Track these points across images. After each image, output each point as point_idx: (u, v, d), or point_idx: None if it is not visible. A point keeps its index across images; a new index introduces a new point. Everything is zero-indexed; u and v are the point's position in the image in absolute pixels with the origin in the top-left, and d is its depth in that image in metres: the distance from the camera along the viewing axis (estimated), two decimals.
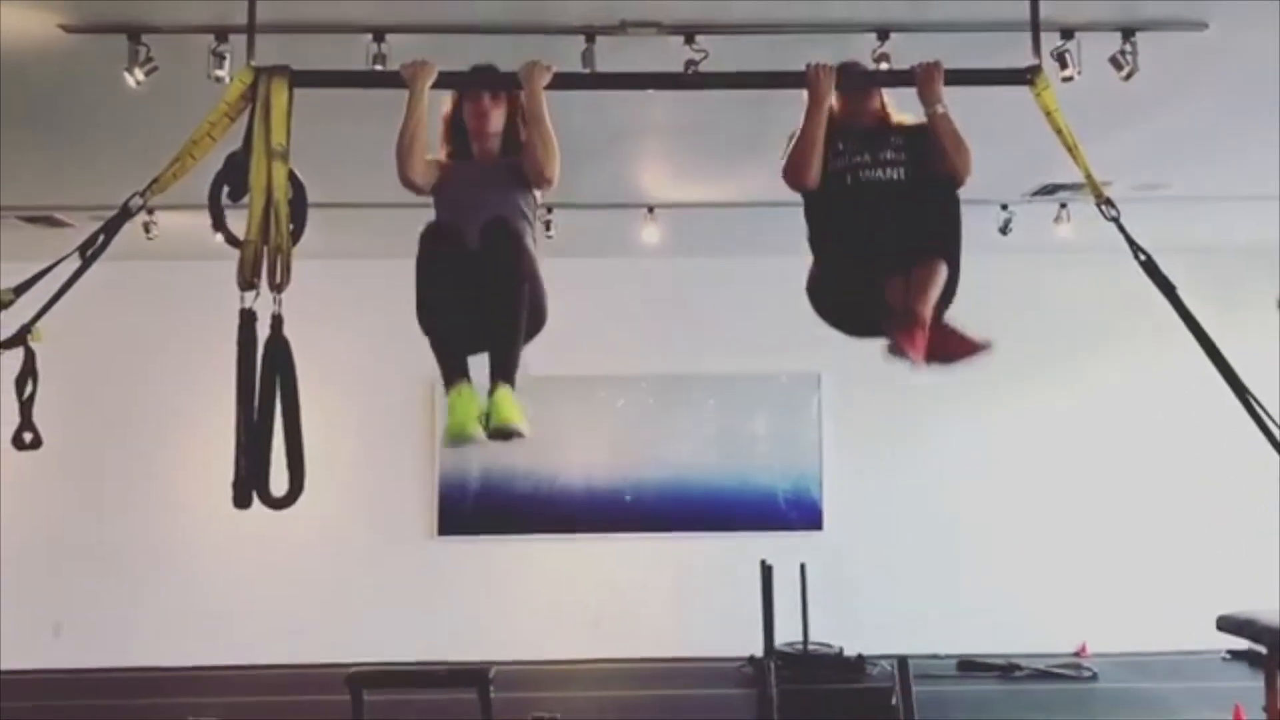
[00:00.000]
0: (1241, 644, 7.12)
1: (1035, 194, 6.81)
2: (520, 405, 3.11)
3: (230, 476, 3.23)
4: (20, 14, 3.96)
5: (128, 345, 8.65)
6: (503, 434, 3.06)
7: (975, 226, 7.18)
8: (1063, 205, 7.01)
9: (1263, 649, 6.40)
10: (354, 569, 8.84)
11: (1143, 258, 3.23)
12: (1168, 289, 3.24)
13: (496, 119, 3.39)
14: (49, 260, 6.90)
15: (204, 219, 6.50)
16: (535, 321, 3.30)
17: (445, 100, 3.45)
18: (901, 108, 3.47)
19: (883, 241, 3.27)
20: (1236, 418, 3.18)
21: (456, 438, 3.08)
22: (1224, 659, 8.32)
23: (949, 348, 3.29)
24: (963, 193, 6.80)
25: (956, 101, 3.35)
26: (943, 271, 3.24)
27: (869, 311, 3.29)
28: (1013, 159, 5.96)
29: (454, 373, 3.16)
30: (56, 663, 8.52)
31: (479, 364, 3.22)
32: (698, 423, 9.17)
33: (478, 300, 3.16)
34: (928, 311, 3.20)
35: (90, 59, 4.31)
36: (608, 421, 9.13)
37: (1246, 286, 8.69)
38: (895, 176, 3.36)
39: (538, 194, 3.40)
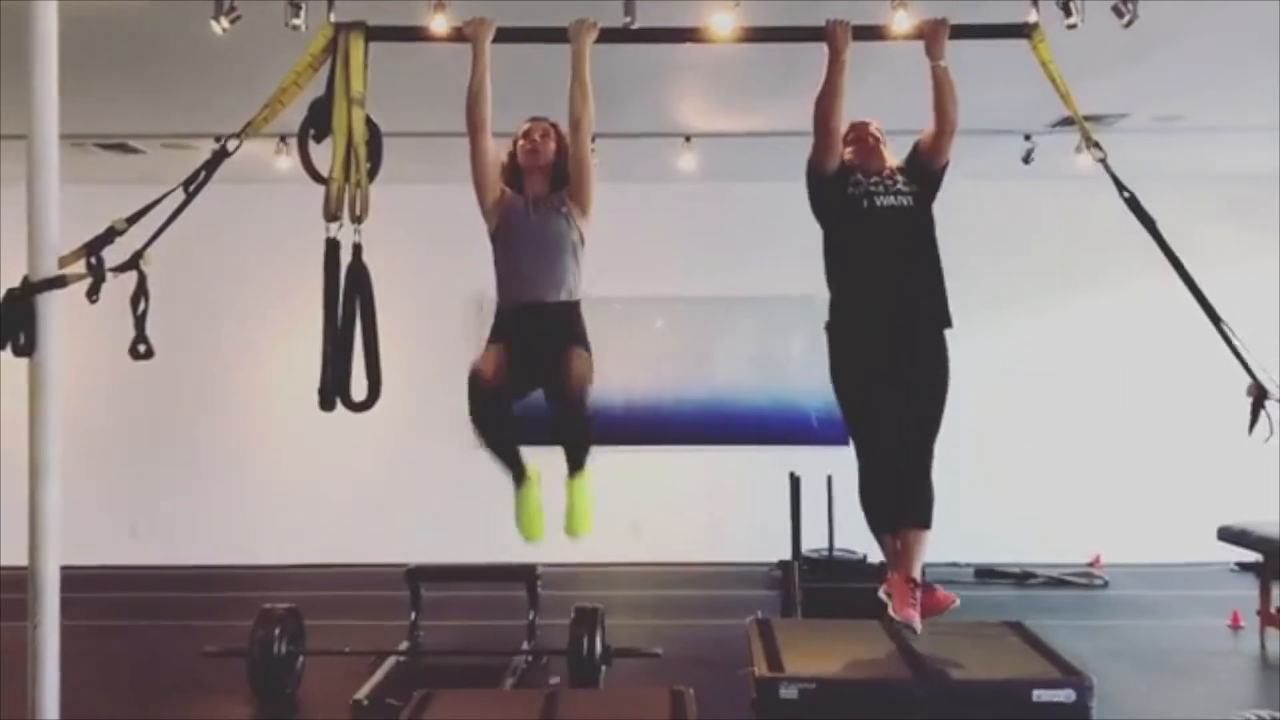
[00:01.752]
0: (1249, 556, 7.51)
1: (1056, 125, 7.08)
2: (592, 495, 3.87)
3: (297, 386, 3.68)
4: None
5: (197, 261, 9.10)
6: (575, 530, 3.84)
7: (1000, 155, 7.55)
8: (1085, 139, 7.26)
9: (1259, 557, 6.82)
10: (408, 476, 9.41)
11: (1126, 195, 3.58)
12: (1149, 223, 3.58)
13: (547, 154, 3.81)
14: (119, 184, 7.36)
15: (261, 148, 6.96)
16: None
17: (503, 151, 3.89)
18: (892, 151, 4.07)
19: (895, 266, 3.89)
20: (1249, 336, 3.50)
21: (528, 541, 3.88)
22: (1232, 570, 8.71)
23: (929, 605, 4.01)
24: (989, 123, 7.10)
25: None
26: (927, 540, 4.08)
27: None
28: (1034, 92, 6.20)
29: (517, 477, 3.95)
30: (134, 560, 9.19)
31: None
32: (734, 343, 9.59)
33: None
34: (917, 575, 3.98)
35: (179, 7, 4.71)
36: (647, 341, 9.57)
37: (1268, 211, 8.96)
38: (905, 204, 3.90)
39: (583, 227, 3.82)
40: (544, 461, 3.97)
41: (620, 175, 8.27)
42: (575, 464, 3.86)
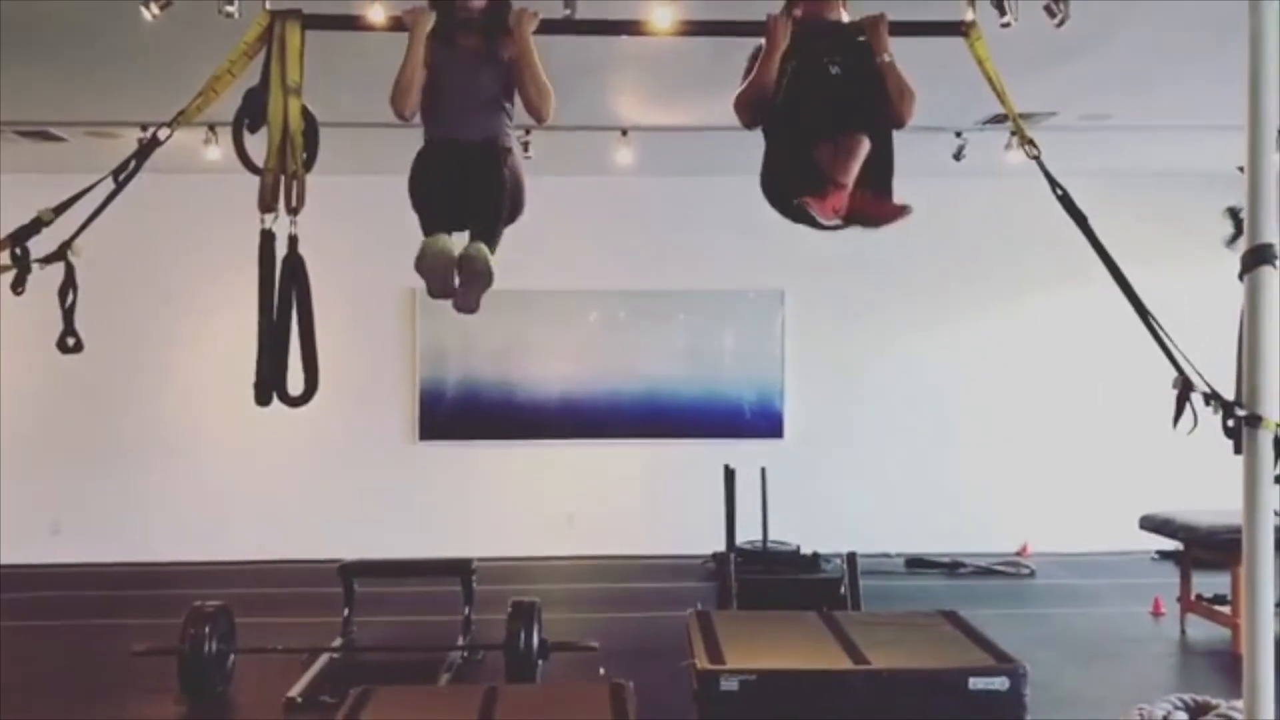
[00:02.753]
0: (1169, 545, 7.72)
1: (987, 122, 7.20)
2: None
3: (225, 380, 3.61)
4: None
5: (123, 252, 8.89)
6: (473, 262, 3.39)
7: (931, 152, 7.65)
8: (1012, 133, 7.38)
9: (1180, 545, 7.01)
10: (341, 471, 9.31)
11: (1059, 192, 3.62)
12: (1080, 220, 3.63)
13: (478, 4, 3.65)
14: (42, 172, 7.15)
15: (189, 137, 6.82)
16: (514, 209, 3.67)
17: None
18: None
19: (819, 120, 3.62)
20: (1171, 331, 3.53)
21: (433, 249, 3.44)
22: (1153, 559, 8.97)
23: (871, 210, 3.63)
24: (920, 120, 7.16)
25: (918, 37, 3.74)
26: (865, 145, 3.57)
27: (804, 177, 3.58)
28: (966, 89, 6.28)
29: (434, 228, 3.53)
30: (56, 558, 8.98)
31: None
32: (668, 336, 9.62)
33: (464, 188, 3.55)
34: (847, 179, 3.55)
35: None
36: (581, 334, 9.57)
37: (1198, 208, 9.15)
38: (835, 72, 3.69)
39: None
40: None
41: (556, 168, 8.26)
42: (481, 235, 3.49)
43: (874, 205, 3.63)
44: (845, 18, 3.86)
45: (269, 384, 3.51)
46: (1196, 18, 5.23)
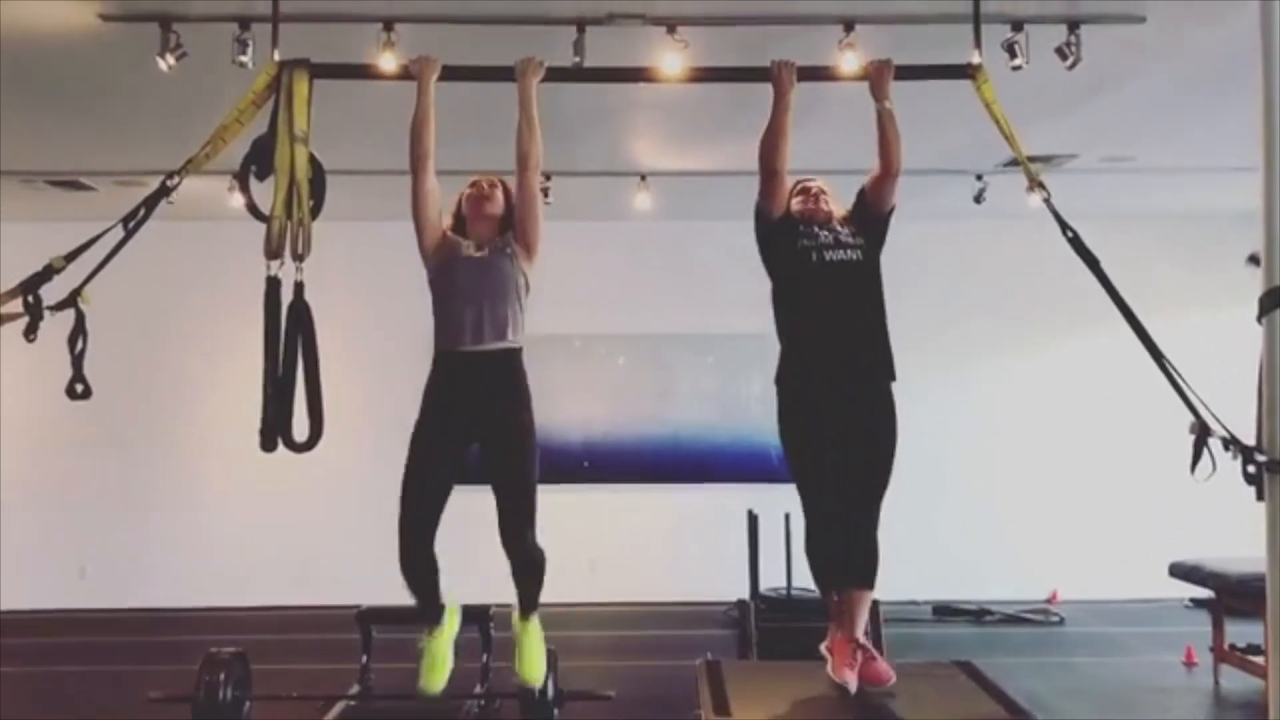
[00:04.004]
0: (1202, 593, 7.55)
1: (1007, 165, 7.16)
2: (543, 642, 4.14)
3: (247, 426, 3.63)
4: (63, 4, 4.33)
5: (145, 298, 8.98)
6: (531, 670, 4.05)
7: (952, 195, 7.62)
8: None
9: (1212, 593, 6.85)
10: (360, 516, 9.26)
11: (1070, 234, 3.60)
12: (1092, 263, 3.60)
13: (496, 203, 3.79)
14: (71, 221, 7.24)
15: (214, 185, 6.90)
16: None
17: (452, 201, 3.85)
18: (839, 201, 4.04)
19: (844, 322, 3.89)
20: (1201, 377, 3.46)
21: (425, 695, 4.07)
22: (1186, 606, 8.76)
23: (867, 673, 3.95)
24: (941, 163, 7.14)
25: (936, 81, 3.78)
26: (869, 600, 4.07)
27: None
28: (985, 133, 6.29)
29: (430, 616, 4.20)
30: (82, 603, 9.01)
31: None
32: (694, 380, 9.57)
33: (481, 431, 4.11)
34: (860, 635, 3.97)
35: (125, 45, 4.68)
36: (606, 378, 9.54)
37: (1220, 250, 9.04)
38: (855, 257, 3.87)
39: (527, 270, 3.80)
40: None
41: (579, 213, 8.29)
42: (528, 602, 4.07)
43: (870, 670, 3.95)
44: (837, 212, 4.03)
45: (274, 430, 3.52)
46: (1217, 58, 5.18)
